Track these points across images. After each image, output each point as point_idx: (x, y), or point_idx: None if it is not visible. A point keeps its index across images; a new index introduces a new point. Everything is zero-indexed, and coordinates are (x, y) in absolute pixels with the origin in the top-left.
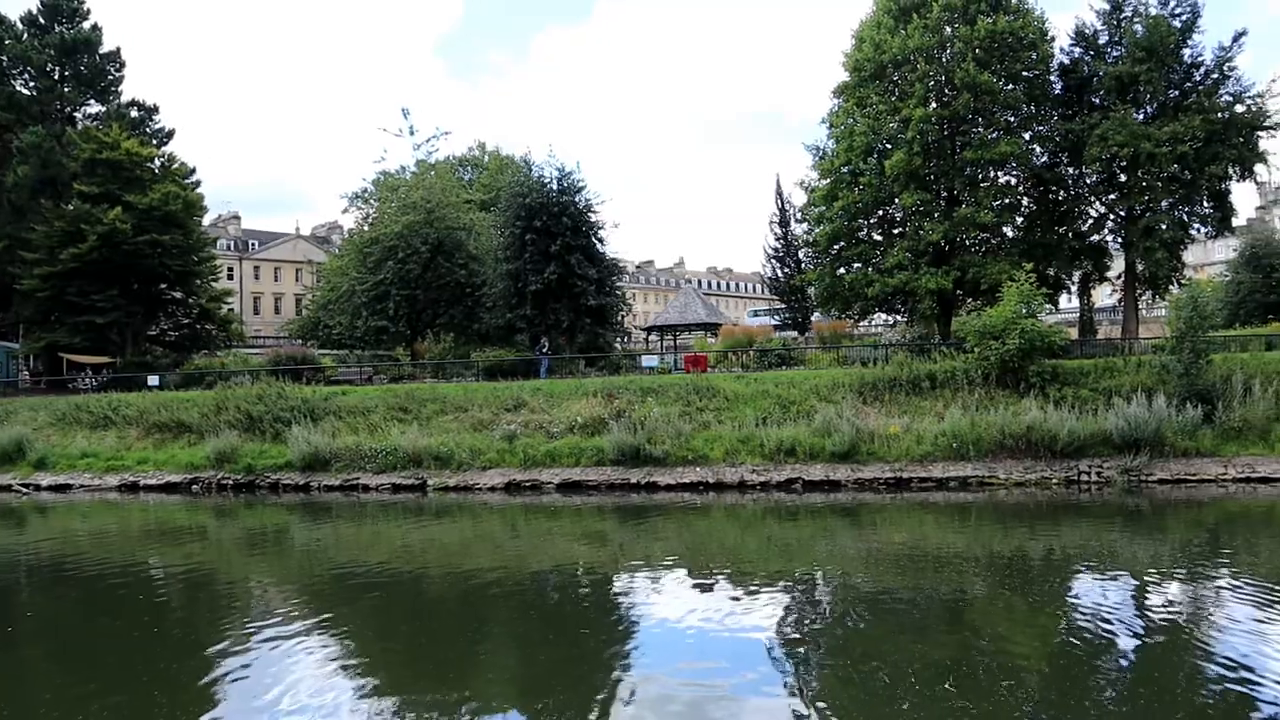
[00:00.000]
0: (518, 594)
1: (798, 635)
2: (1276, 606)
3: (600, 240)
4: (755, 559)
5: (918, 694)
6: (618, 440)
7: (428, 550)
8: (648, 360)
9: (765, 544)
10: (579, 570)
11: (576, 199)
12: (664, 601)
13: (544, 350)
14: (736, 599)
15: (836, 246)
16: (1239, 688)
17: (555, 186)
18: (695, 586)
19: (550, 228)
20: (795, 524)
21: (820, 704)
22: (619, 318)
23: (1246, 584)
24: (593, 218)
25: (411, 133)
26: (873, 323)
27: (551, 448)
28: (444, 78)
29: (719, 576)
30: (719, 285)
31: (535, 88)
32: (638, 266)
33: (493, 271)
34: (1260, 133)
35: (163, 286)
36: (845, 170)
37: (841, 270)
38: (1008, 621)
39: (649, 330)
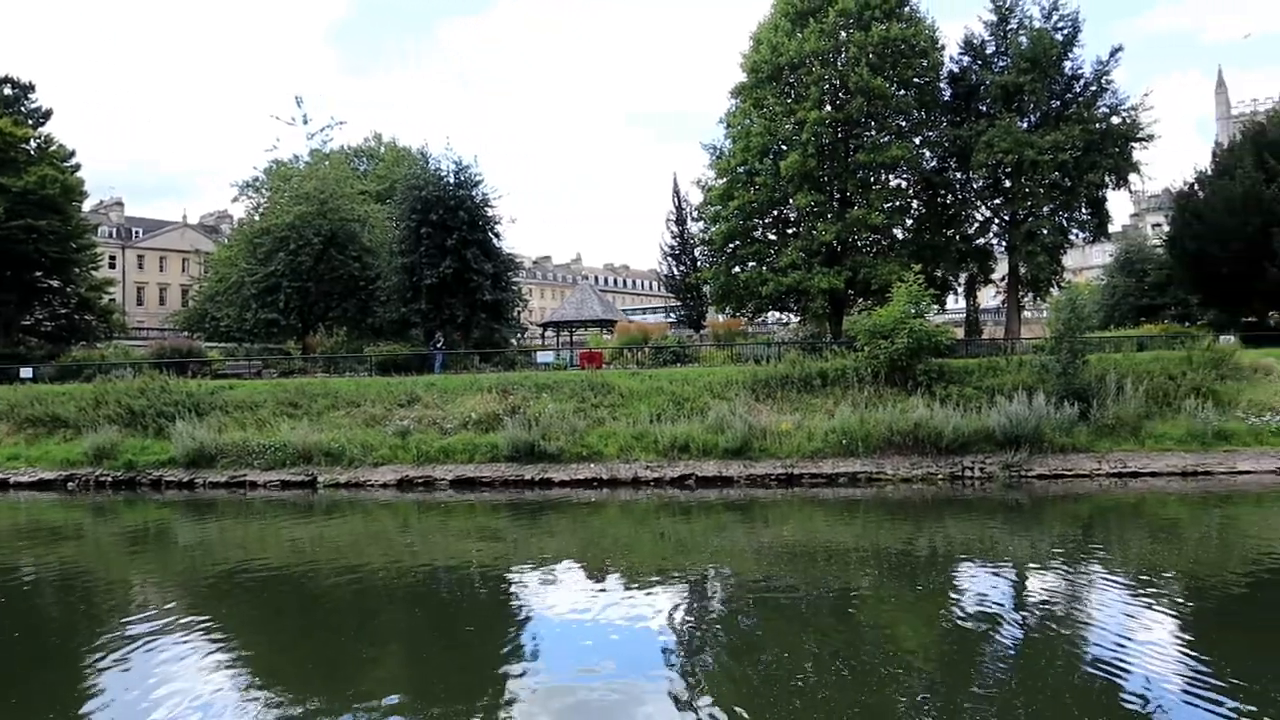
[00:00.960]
0: (409, 592)
1: (691, 629)
2: (1144, 593)
3: (497, 235)
4: (649, 555)
5: (809, 684)
6: (512, 437)
7: (317, 548)
8: (543, 356)
9: (659, 540)
10: (472, 567)
11: (474, 193)
12: (558, 598)
13: (439, 345)
14: (630, 594)
15: (732, 245)
16: (1110, 669)
17: (452, 180)
18: (589, 583)
19: (446, 221)
20: (688, 520)
21: (713, 696)
22: (515, 313)
23: (1117, 573)
24: (490, 212)
25: (305, 121)
26: (766, 321)
27: (445, 444)
28: (337, 66)
29: (613, 572)
30: (616, 282)
31: (432, 79)
32: (535, 262)
33: (387, 265)
34: (1134, 144)
35: (38, 274)
36: (741, 170)
37: (736, 269)
38: (895, 612)
39: (545, 326)
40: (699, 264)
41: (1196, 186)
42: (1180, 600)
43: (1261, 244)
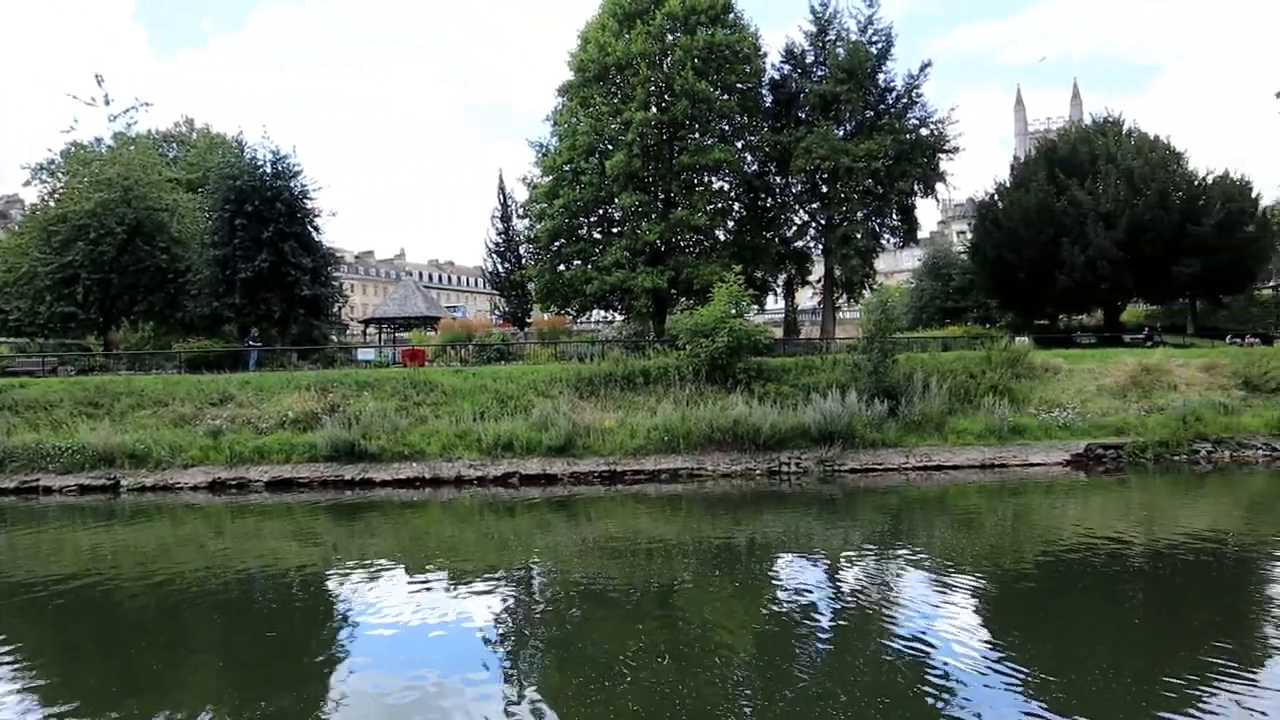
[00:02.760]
0: (223, 599)
1: (516, 627)
2: (948, 580)
3: (317, 228)
4: (472, 554)
5: (633, 677)
6: (331, 436)
7: (120, 556)
8: (364, 354)
9: (482, 538)
10: (290, 571)
11: (292, 184)
12: (380, 600)
13: (254, 341)
14: (454, 594)
15: (557, 243)
16: (917, 651)
17: (269, 170)
18: (412, 584)
19: (263, 213)
20: (512, 518)
21: (538, 692)
22: (335, 309)
23: (923, 561)
24: (309, 204)
25: (107, 102)
26: (591, 319)
27: (260, 444)
28: (145, 45)
29: (436, 573)
30: (442, 279)
31: (249, 63)
32: (356, 257)
33: (199, 257)
34: (941, 154)
35: None
36: (567, 168)
37: (562, 267)
38: (716, 605)
39: (367, 323)
40: (524, 261)
41: (996, 197)
42: (979, 585)
43: (1053, 253)
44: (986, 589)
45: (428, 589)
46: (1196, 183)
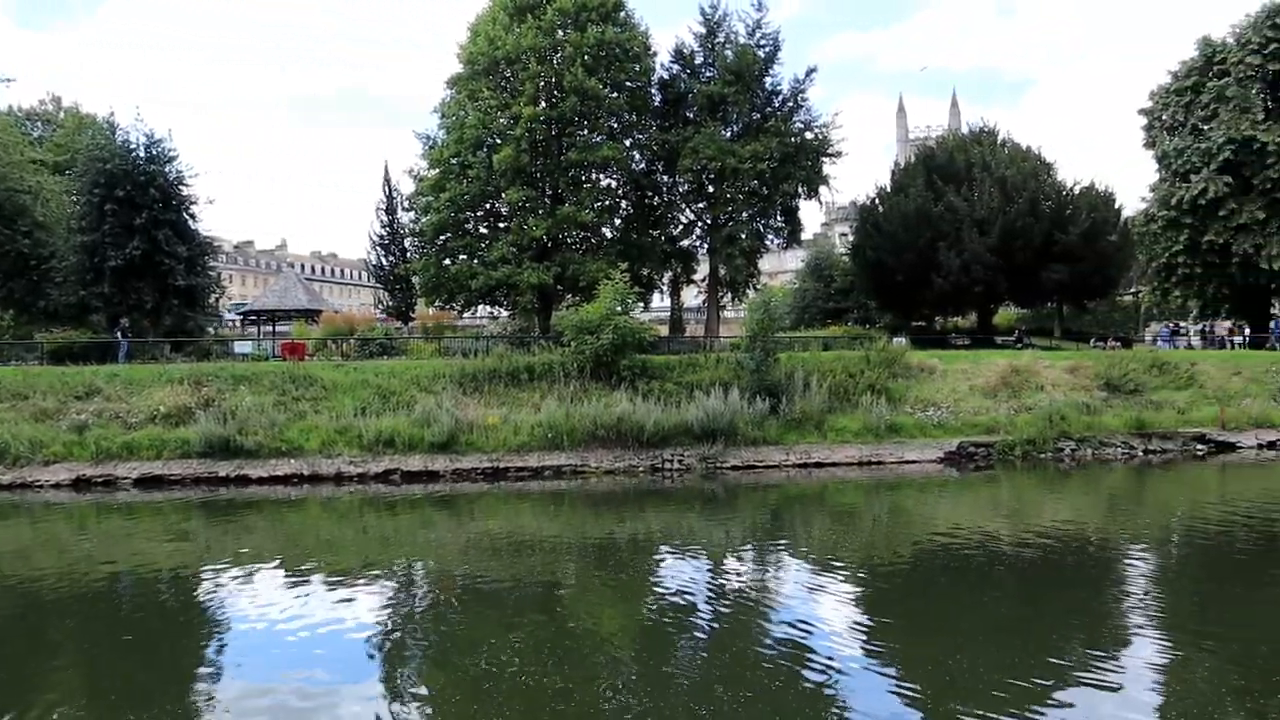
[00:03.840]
0: (87, 601)
1: (396, 626)
2: (826, 574)
3: (193, 216)
4: (352, 552)
5: (515, 675)
6: (205, 431)
7: None
8: (241, 346)
9: (362, 536)
10: (160, 573)
11: (166, 169)
12: (255, 600)
13: (124, 332)
14: (333, 593)
15: (443, 237)
16: (797, 643)
17: (143, 154)
18: (289, 582)
19: (135, 199)
20: (393, 515)
21: (419, 691)
22: (211, 300)
23: (803, 556)
24: (185, 191)
25: None
26: (477, 315)
27: (130, 439)
28: (14, 16)
29: (314, 572)
30: (324, 271)
31: (122, 40)
32: (236, 247)
33: (65, 243)
34: (825, 158)
35: None
36: (455, 161)
37: (447, 261)
38: (599, 601)
39: (245, 315)
40: (409, 255)
41: (877, 201)
42: (857, 578)
43: (930, 256)
44: (864, 582)
45: (305, 589)
46: (1065, 193)
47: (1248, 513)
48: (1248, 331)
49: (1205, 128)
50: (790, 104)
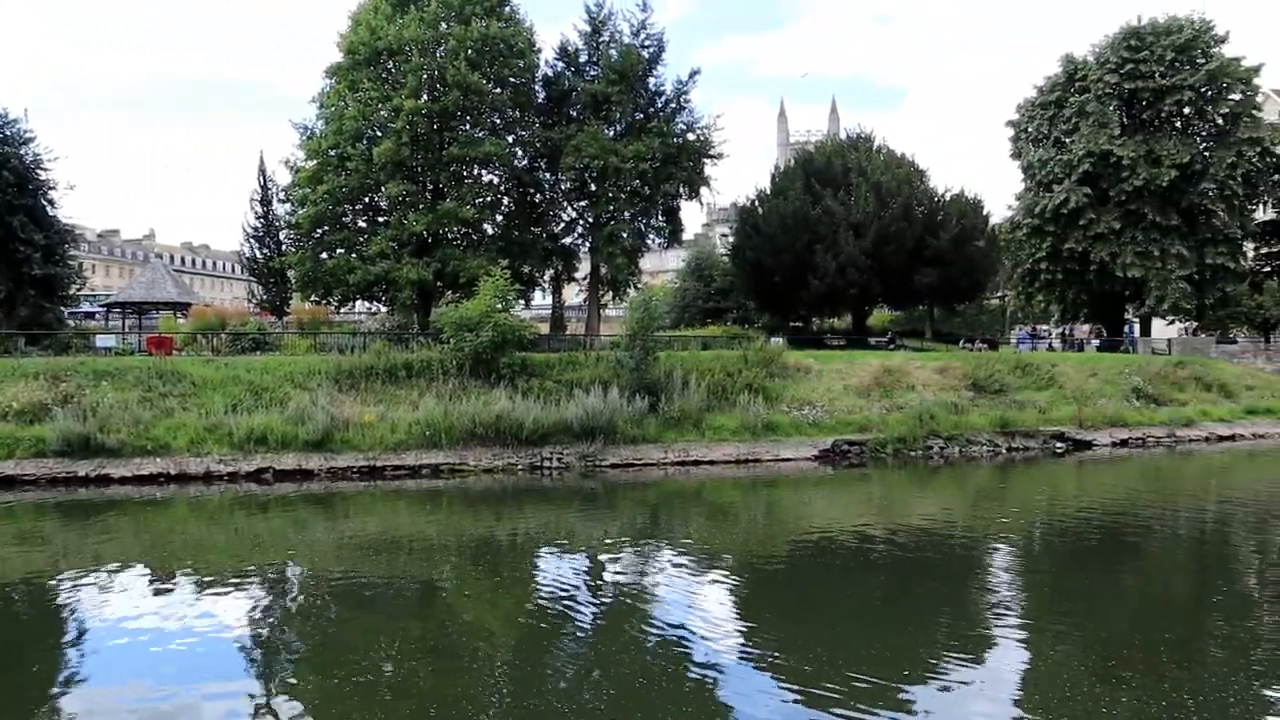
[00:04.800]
0: None
1: (269, 630)
2: (704, 570)
3: (51, 202)
4: (222, 554)
5: (392, 678)
6: (63, 429)
7: None
8: (104, 340)
9: (233, 538)
10: (10, 580)
11: (22, 151)
12: (118, 605)
13: None
14: (201, 597)
15: (320, 230)
16: (676, 638)
17: None
18: (155, 587)
19: None
20: (265, 516)
21: (294, 698)
22: (71, 291)
23: (681, 553)
24: (42, 175)
25: None
26: (354, 310)
27: None
28: None
29: (182, 574)
30: (195, 263)
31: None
32: (99, 235)
33: None
34: (706, 159)
35: None
36: (333, 153)
37: (324, 255)
38: (477, 601)
39: (109, 307)
40: (285, 248)
41: (757, 203)
42: (734, 573)
43: (807, 258)
44: (740, 578)
45: (172, 593)
46: (936, 199)
47: (1101, 507)
48: (1105, 334)
49: (1067, 140)
50: (673, 105)
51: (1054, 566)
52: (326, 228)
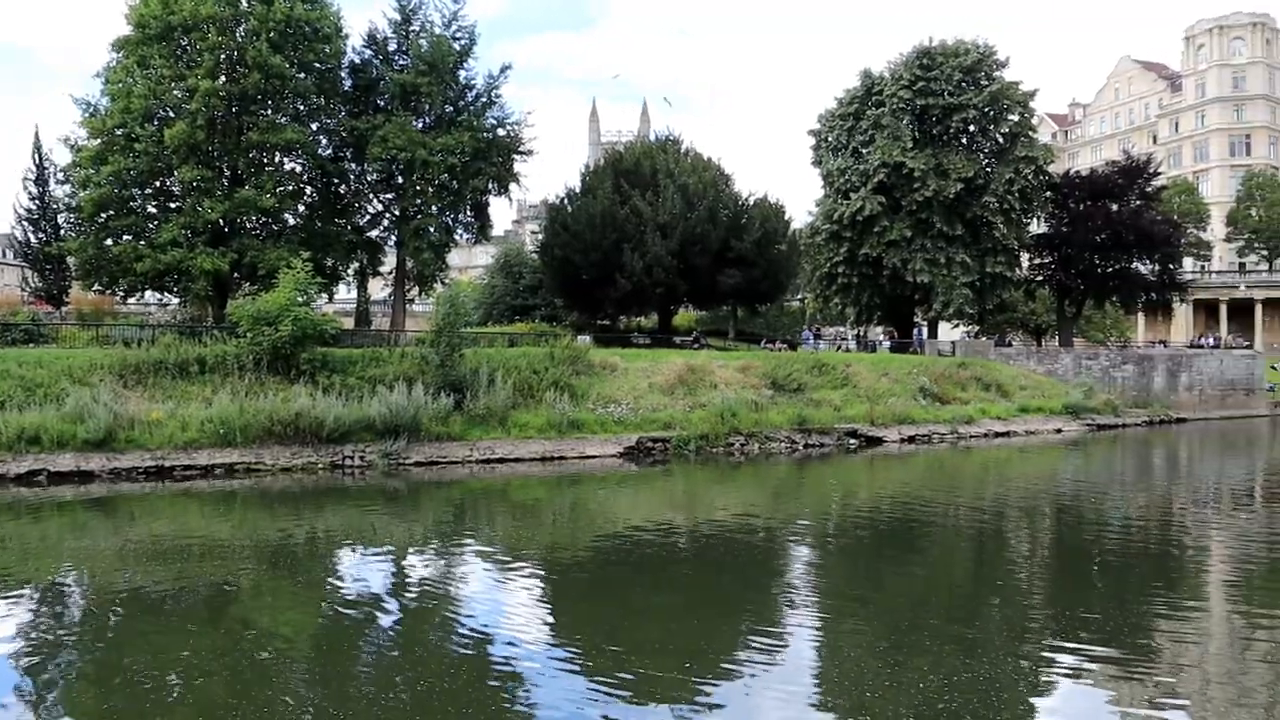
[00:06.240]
0: None
1: (45, 647)
2: (510, 569)
3: None
4: None
5: (184, 688)
6: None
7: None
8: None
9: (0, 546)
10: None
11: None
12: None
13: None
14: None
15: (104, 215)
16: (481, 638)
17: None
18: None
19: None
20: (38, 521)
21: (76, 715)
22: None
23: (486, 552)
24: None
25: None
26: (143, 300)
27: None
28: None
29: None
30: None
31: None
32: None
33: None
34: (516, 156)
35: None
36: (120, 133)
37: (109, 241)
38: (277, 605)
39: None
40: (64, 232)
41: (566, 201)
42: (540, 572)
43: (615, 257)
44: (546, 575)
45: None
46: (741, 203)
47: (891, 500)
48: (896, 336)
49: (864, 151)
50: (484, 99)
51: (848, 557)
52: (112, 212)
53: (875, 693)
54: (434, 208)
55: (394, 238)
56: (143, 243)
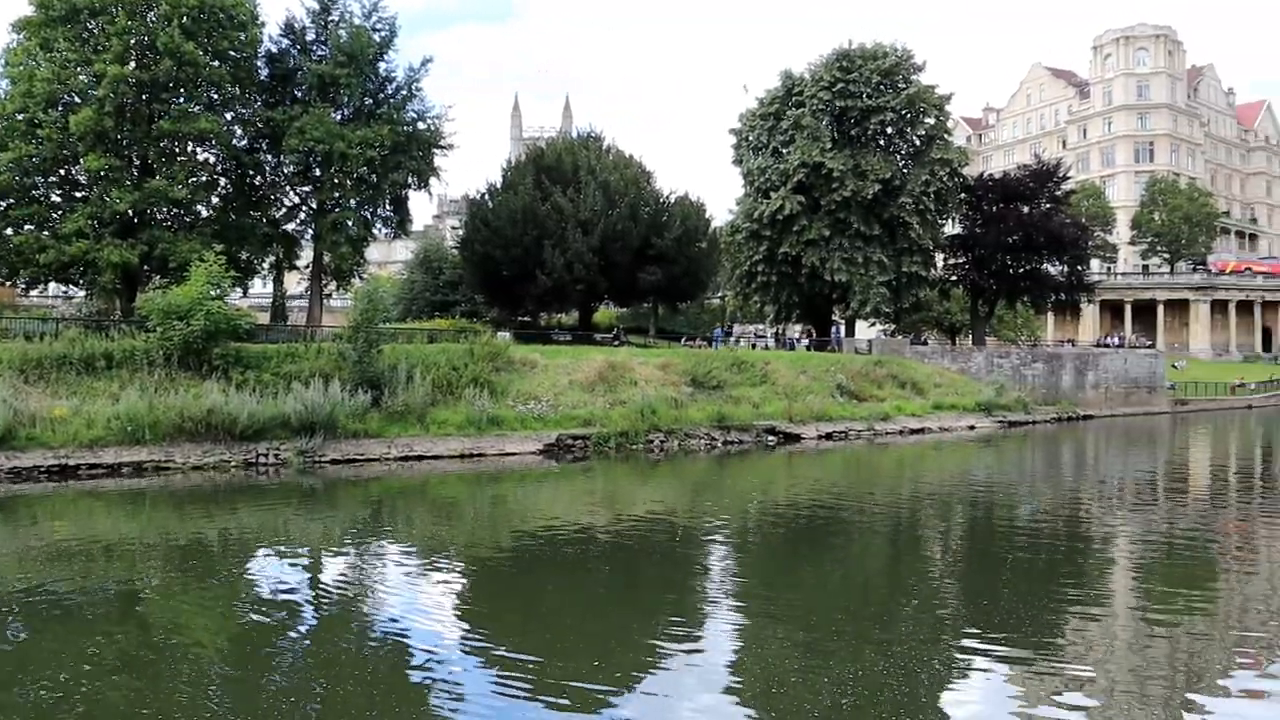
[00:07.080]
0: None
1: None
2: (428, 567)
3: None
4: None
5: (89, 695)
6: None
7: None
8: None
9: None
10: None
11: None
12: None
13: None
14: None
15: (4, 204)
16: (398, 637)
17: None
18: None
19: None
20: None
21: None
22: None
23: (403, 550)
24: None
25: None
26: (46, 293)
27: None
28: None
29: None
30: None
31: None
32: None
33: None
34: (437, 150)
35: None
36: (20, 118)
37: (10, 231)
38: (188, 608)
39: None
40: None
41: (488, 197)
42: (458, 570)
43: (536, 254)
44: (466, 574)
45: None
46: (661, 200)
47: (808, 496)
48: (814, 334)
49: (784, 151)
50: (404, 92)
51: (766, 552)
52: (12, 200)
53: (788, 689)
54: (352, 201)
55: (311, 231)
56: (46, 233)
